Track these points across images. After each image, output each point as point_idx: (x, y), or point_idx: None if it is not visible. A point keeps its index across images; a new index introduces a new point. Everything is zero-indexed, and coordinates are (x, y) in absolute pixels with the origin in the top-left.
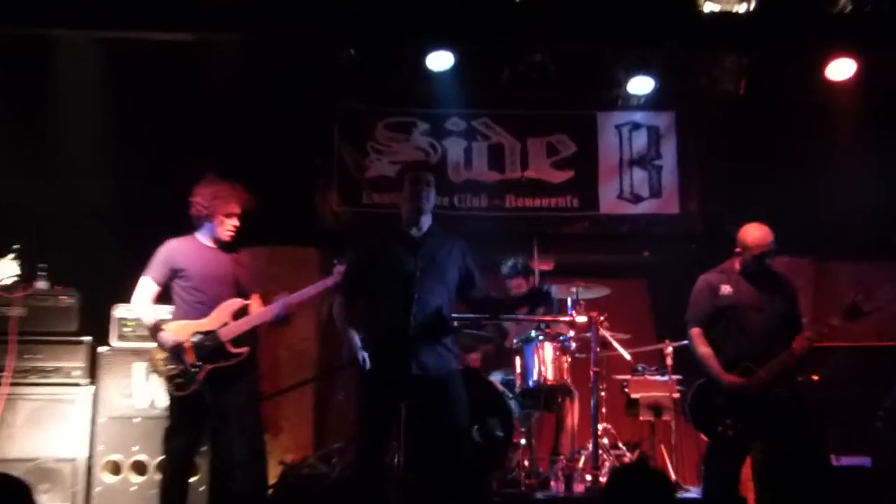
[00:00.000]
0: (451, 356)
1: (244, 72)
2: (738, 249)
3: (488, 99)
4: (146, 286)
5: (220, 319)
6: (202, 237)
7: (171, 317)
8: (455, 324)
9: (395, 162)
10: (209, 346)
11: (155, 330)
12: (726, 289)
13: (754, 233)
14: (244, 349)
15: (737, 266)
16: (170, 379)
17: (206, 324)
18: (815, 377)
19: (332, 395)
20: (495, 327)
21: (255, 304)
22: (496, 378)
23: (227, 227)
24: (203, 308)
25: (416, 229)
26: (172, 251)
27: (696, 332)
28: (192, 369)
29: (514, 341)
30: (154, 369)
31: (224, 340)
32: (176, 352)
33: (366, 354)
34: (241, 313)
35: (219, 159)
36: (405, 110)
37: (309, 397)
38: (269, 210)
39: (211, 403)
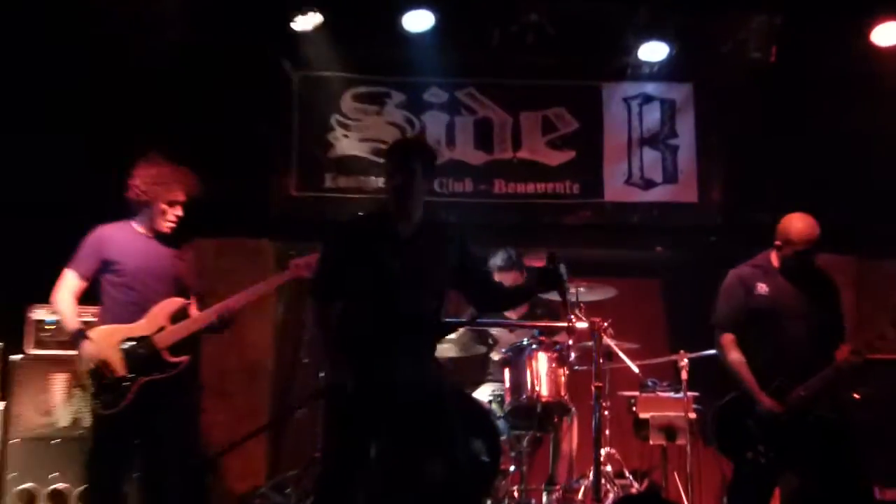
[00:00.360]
0: (439, 372)
1: (185, 32)
2: (777, 243)
3: (475, 66)
4: (70, 281)
5: (155, 323)
6: (139, 225)
7: (96, 319)
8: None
9: (366, 139)
10: (142, 355)
11: (78, 337)
12: (763, 287)
13: (798, 224)
14: (183, 358)
15: (775, 262)
16: (96, 394)
17: (139, 328)
18: (857, 396)
19: (290, 411)
20: (479, 335)
21: (194, 306)
22: (482, 394)
23: (169, 217)
24: (136, 309)
25: (404, 225)
26: (104, 240)
27: (727, 338)
28: (124, 383)
29: (503, 351)
30: (78, 382)
31: (160, 348)
32: (102, 368)
33: (353, 384)
34: (180, 316)
35: (155, 135)
36: (377, 79)
37: (262, 415)
38: (216, 196)
39: (143, 423)
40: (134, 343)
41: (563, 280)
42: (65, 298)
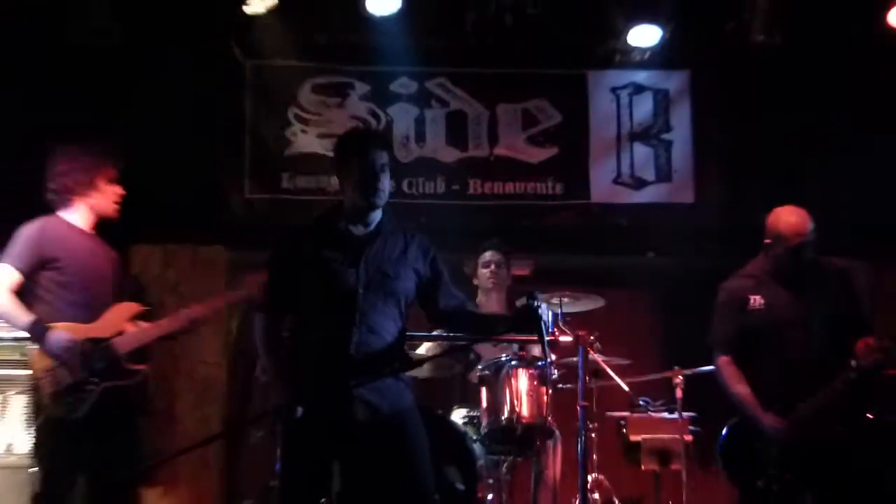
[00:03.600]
0: (403, 386)
1: (122, 13)
2: (767, 241)
3: (447, 53)
4: (8, 276)
5: (113, 326)
6: (74, 220)
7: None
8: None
9: (327, 135)
10: (101, 359)
11: (38, 330)
12: (757, 300)
13: (789, 218)
14: (143, 366)
15: (767, 267)
16: (57, 396)
17: (96, 329)
18: (870, 415)
19: (246, 434)
20: (456, 352)
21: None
22: (456, 416)
23: (113, 195)
24: (84, 310)
25: (361, 226)
26: (44, 234)
27: (724, 360)
28: (87, 386)
29: (479, 368)
30: (38, 382)
31: (119, 353)
32: (71, 357)
33: (300, 411)
34: (135, 320)
35: (93, 129)
36: (339, 68)
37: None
38: (162, 198)
39: (97, 432)
40: (91, 344)
41: (541, 320)
42: (6, 295)
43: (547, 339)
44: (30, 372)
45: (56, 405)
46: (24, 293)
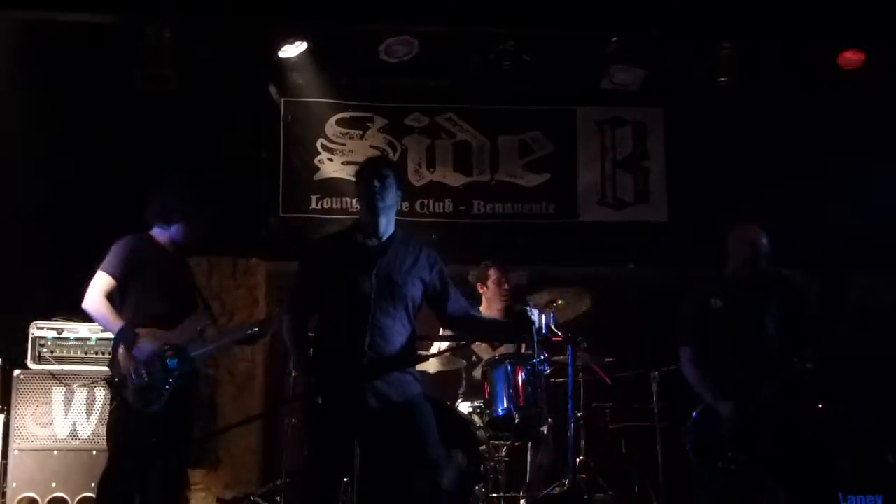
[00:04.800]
0: (411, 379)
1: (177, 60)
2: (728, 252)
3: (454, 92)
4: (104, 283)
5: (188, 334)
6: (160, 239)
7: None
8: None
9: (350, 162)
10: (178, 362)
11: (129, 336)
12: (717, 303)
13: (743, 234)
14: (210, 371)
15: (728, 275)
16: (139, 391)
17: (175, 337)
18: (820, 406)
19: (281, 420)
20: (461, 351)
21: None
22: (463, 406)
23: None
24: (164, 317)
25: (375, 238)
26: (135, 248)
27: (687, 353)
28: (165, 386)
29: (482, 364)
30: (123, 375)
31: (194, 358)
32: (153, 362)
33: (320, 399)
34: (206, 329)
35: (149, 156)
36: (360, 104)
37: (254, 423)
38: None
39: (166, 424)
40: (171, 350)
41: (533, 324)
42: (103, 300)
43: (538, 339)
44: (105, 368)
45: (137, 398)
46: (114, 298)
